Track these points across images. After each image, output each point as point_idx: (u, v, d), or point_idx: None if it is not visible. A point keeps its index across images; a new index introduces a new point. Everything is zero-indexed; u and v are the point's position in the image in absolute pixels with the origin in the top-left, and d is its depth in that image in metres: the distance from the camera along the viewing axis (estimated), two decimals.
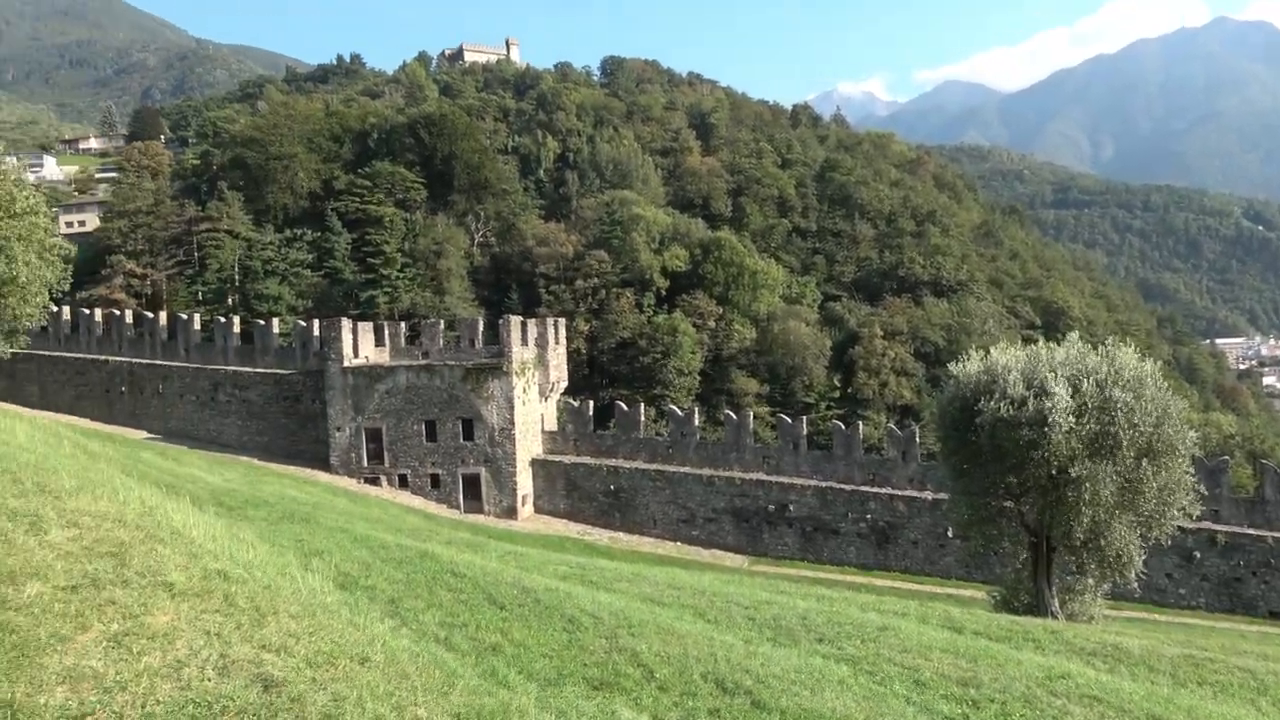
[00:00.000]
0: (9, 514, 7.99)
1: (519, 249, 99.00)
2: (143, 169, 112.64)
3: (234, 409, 48.04)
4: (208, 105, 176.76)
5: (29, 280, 40.84)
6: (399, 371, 43.91)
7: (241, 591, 7.37)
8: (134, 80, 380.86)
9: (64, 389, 52.22)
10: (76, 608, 6.27)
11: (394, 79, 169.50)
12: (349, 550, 16.57)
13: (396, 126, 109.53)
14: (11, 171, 47.39)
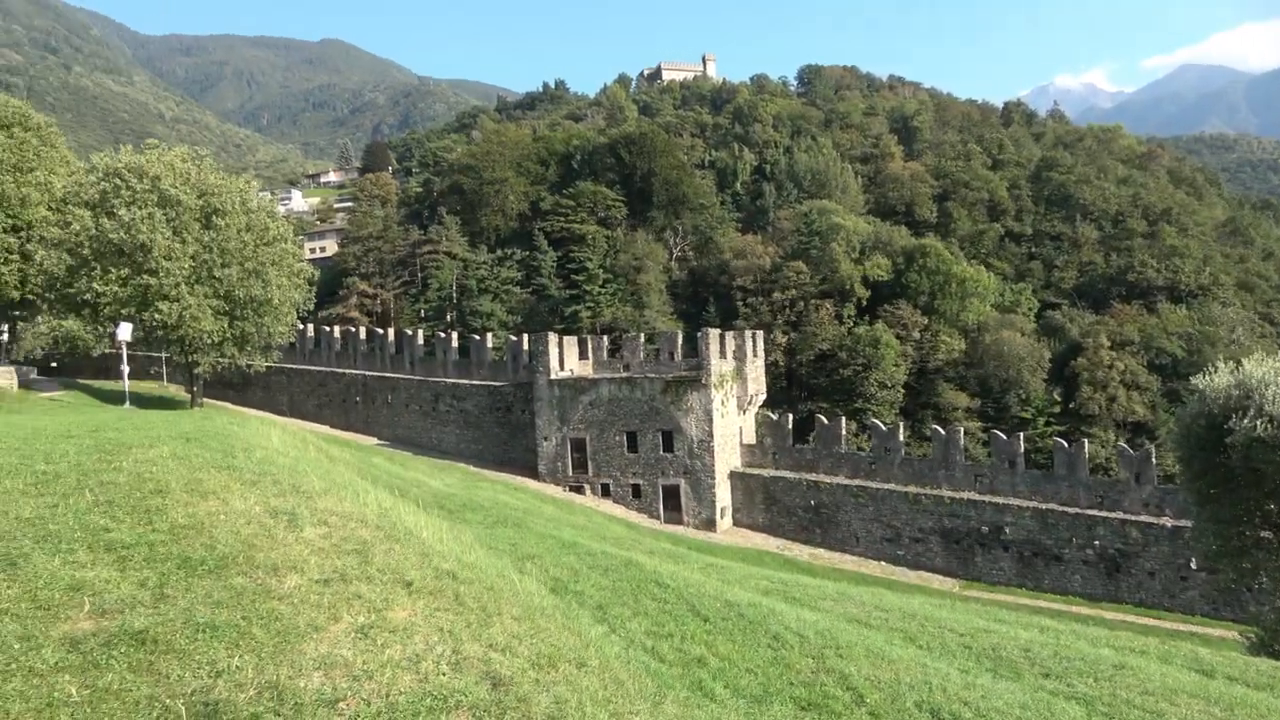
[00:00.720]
0: (271, 512, 8.90)
1: (716, 262, 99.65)
2: (373, 198, 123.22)
3: (452, 418, 51.34)
4: (429, 137, 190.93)
5: (281, 301, 45.76)
6: (602, 384, 45.28)
7: (469, 592, 7.81)
8: (366, 118, 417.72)
9: (308, 398, 57.87)
10: (329, 600, 6.88)
11: (595, 102, 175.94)
12: (558, 556, 17.14)
13: (598, 147, 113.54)
14: (266, 205, 53.34)
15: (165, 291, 41.28)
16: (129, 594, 6.66)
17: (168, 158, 45.63)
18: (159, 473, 10.04)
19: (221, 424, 17.14)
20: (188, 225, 42.84)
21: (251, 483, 9.97)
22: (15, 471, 10.16)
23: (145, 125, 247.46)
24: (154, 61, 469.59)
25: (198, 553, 7.49)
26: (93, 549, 7.47)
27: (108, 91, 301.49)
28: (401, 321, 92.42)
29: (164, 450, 11.69)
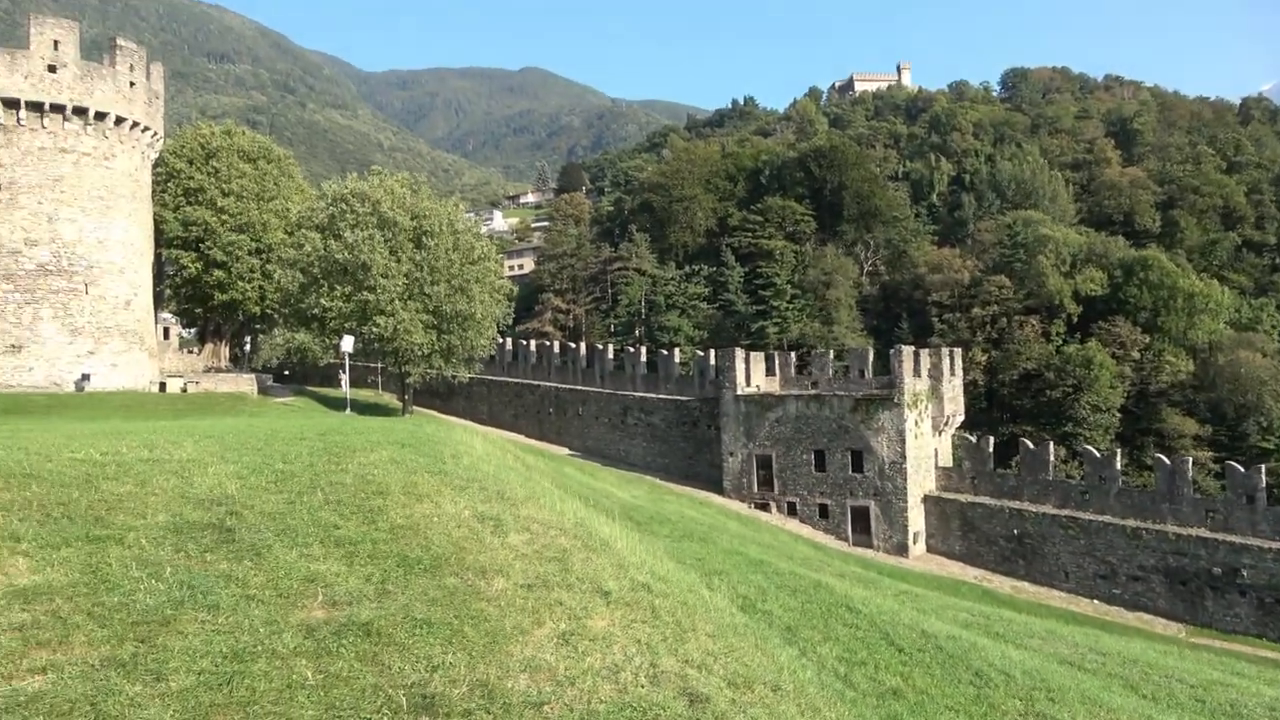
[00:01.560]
0: (479, 517, 9.39)
1: (910, 276, 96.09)
2: (568, 217, 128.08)
3: (640, 431, 52.30)
4: (620, 157, 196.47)
5: (483, 316, 48.38)
6: (789, 401, 44.67)
7: (664, 605, 7.89)
8: (562, 141, 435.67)
9: (506, 408, 60.78)
10: (532, 605, 7.16)
11: (785, 116, 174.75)
12: (745, 573, 16.99)
13: (787, 162, 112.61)
14: (472, 226, 56.74)
15: (382, 306, 44.64)
16: (356, 588, 7.21)
17: (388, 184, 49.45)
18: (380, 475, 10.84)
19: (431, 431, 18.26)
20: (402, 245, 46.20)
21: (461, 488, 10.56)
22: (259, 470, 11.28)
23: (367, 154, 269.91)
24: (375, 95, 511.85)
25: (415, 552, 8.01)
26: (324, 544, 8.16)
27: (336, 125, 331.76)
28: (592, 336, 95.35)
29: (383, 455, 12.60)
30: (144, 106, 47.88)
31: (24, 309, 43.73)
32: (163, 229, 55.21)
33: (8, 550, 7.54)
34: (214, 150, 60.08)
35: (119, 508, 9.00)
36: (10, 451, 11.33)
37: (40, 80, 43.66)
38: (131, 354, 47.12)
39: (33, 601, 6.65)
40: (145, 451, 12.19)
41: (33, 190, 44.01)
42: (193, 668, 5.76)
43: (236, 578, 7.20)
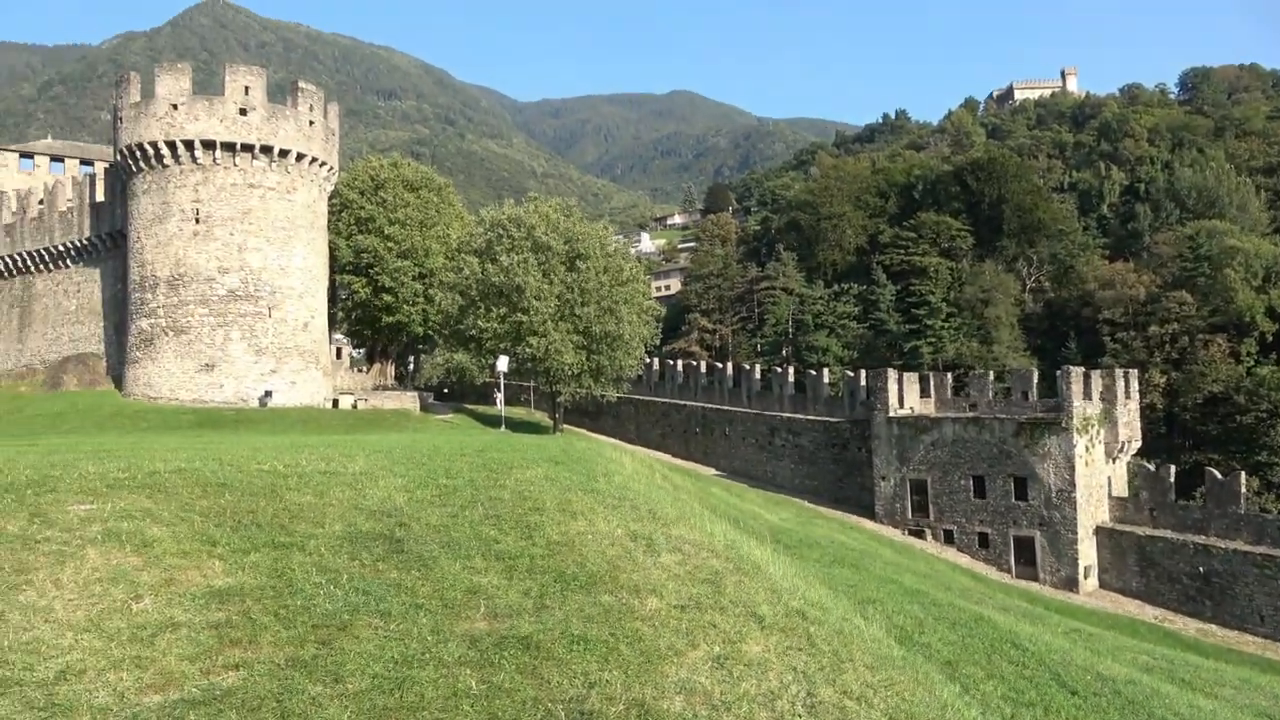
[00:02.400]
0: (632, 535, 9.49)
1: (1077, 293, 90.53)
2: (714, 238, 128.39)
3: (787, 453, 51.54)
4: (767, 176, 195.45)
5: (631, 336, 49.10)
6: (945, 423, 42.92)
7: (819, 633, 7.71)
8: (709, 162, 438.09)
9: (653, 428, 61.32)
10: (686, 626, 7.15)
11: (939, 129, 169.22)
12: (900, 603, 16.39)
13: (942, 176, 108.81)
14: (621, 248, 57.83)
15: (534, 328, 46.08)
16: (515, 601, 7.42)
17: (541, 209, 51.15)
18: (536, 492, 11.14)
19: (582, 448, 18.61)
20: (555, 268, 47.59)
21: (613, 506, 10.71)
22: (424, 484, 11.82)
23: (520, 181, 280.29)
24: (528, 125, 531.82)
25: (570, 569, 8.17)
26: (485, 557, 8.45)
27: (492, 154, 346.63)
28: (739, 356, 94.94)
29: (538, 472, 12.95)
30: (321, 143, 51.58)
31: (216, 331, 47.83)
32: (336, 256, 59.12)
33: (205, 553, 8.22)
34: (382, 181, 63.97)
35: (300, 517, 9.65)
36: (206, 463, 12.36)
37: (233, 122, 47.88)
38: (308, 372, 50.57)
39: (226, 602, 7.21)
40: (322, 464, 13.02)
41: (225, 223, 48.19)
42: (367, 671, 6.09)
43: (406, 587, 7.56)
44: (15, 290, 59.66)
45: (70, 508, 9.25)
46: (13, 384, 56.09)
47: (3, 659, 6.12)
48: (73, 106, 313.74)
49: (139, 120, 47.90)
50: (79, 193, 56.46)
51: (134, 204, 49.61)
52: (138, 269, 49.22)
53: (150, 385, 47.96)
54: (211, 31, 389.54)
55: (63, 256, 56.95)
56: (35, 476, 10.98)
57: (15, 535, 8.36)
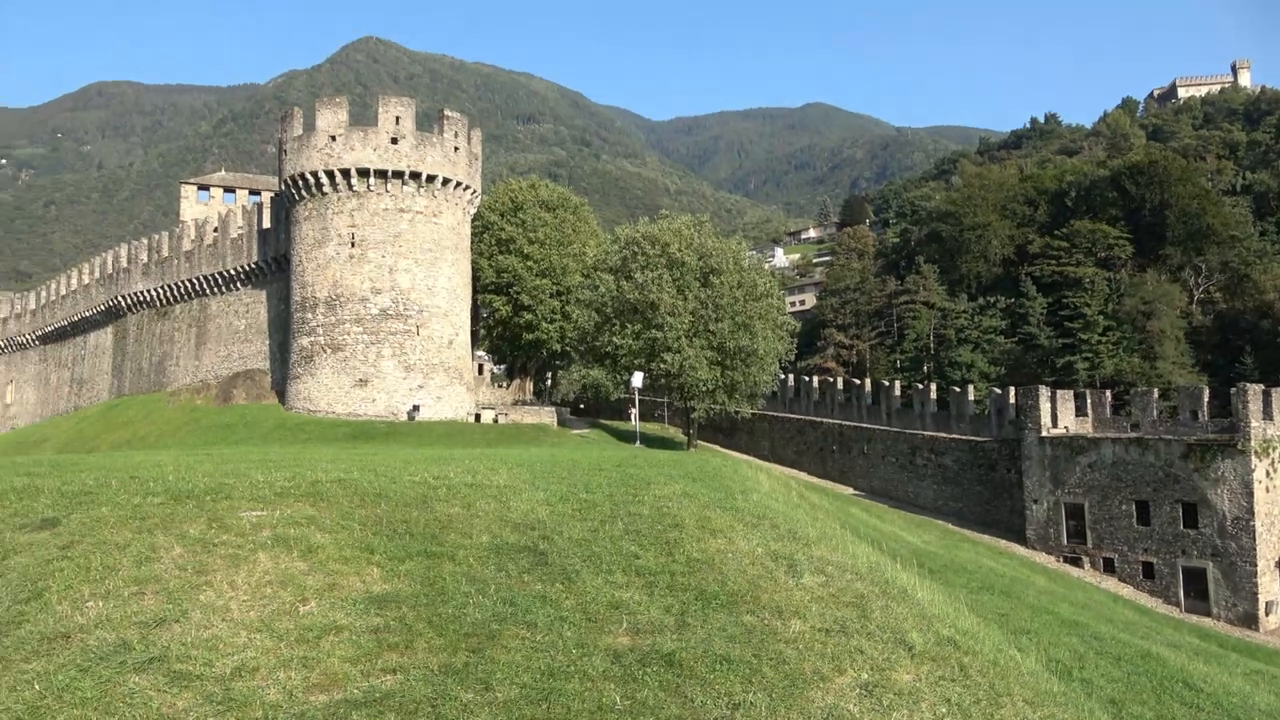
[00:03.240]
0: (772, 555, 9.34)
1: (1254, 304, 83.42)
2: (850, 251, 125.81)
3: (929, 473, 49.67)
4: (905, 187, 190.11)
5: (766, 352, 48.61)
6: (1104, 444, 40.32)
7: (973, 664, 7.34)
8: (844, 174, 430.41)
9: (787, 445, 60.42)
10: (831, 650, 6.96)
11: (1093, 132, 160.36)
12: (1057, 634, 15.49)
13: (1096, 181, 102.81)
14: (756, 263, 57.50)
15: (669, 344, 46.32)
16: (657, 618, 7.42)
17: (675, 225, 51.49)
18: (674, 508, 11.15)
19: (718, 465, 18.51)
20: (689, 284, 47.75)
21: (752, 524, 10.59)
22: (566, 498, 12.05)
23: (654, 199, 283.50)
24: (662, 143, 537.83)
25: (711, 587, 8.12)
26: (626, 572, 8.51)
27: (625, 173, 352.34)
28: (877, 372, 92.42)
29: (676, 488, 12.96)
30: (465, 168, 53.77)
31: (370, 348, 50.45)
32: (479, 276, 61.35)
33: (364, 560, 8.64)
34: (521, 203, 66.01)
35: (449, 527, 10.01)
36: (363, 474, 13.02)
37: (385, 151, 50.58)
38: (453, 388, 52.60)
39: (384, 607, 7.55)
40: (469, 477, 13.48)
41: (377, 246, 50.87)
42: (515, 680, 6.22)
43: (550, 599, 7.70)
44: (193, 311, 64.87)
45: (243, 514, 9.93)
46: (190, 397, 60.89)
47: (185, 654, 6.60)
48: (243, 141, 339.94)
49: (301, 152, 51.30)
50: (248, 220, 60.93)
51: (296, 230, 53.10)
52: (299, 290, 52.58)
53: (310, 399, 51.04)
54: (366, 66, 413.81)
55: (234, 280, 61.53)
56: (212, 485, 11.85)
57: (196, 539, 9.04)
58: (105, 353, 73.32)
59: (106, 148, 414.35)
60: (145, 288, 67.97)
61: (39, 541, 9.46)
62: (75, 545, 9.17)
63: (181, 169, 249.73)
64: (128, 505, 10.67)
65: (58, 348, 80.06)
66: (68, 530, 9.77)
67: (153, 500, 10.82)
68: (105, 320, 73.39)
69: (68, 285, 78.94)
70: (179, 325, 65.93)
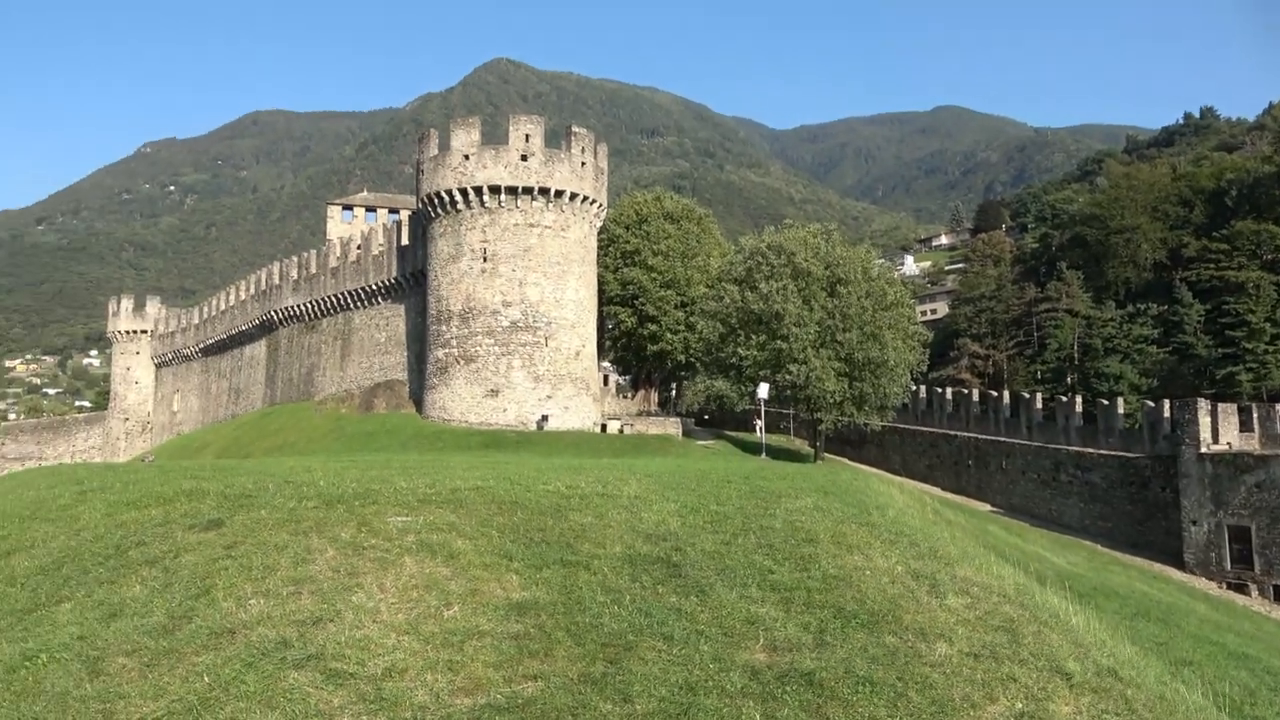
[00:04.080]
0: (913, 574, 9.01)
1: None
2: (985, 258, 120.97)
3: (1074, 490, 47.01)
4: (1045, 189, 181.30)
5: (896, 363, 47.25)
6: (1273, 462, 37.16)
7: (1137, 697, 6.85)
8: (978, 178, 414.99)
9: (919, 459, 58.47)
10: (981, 676, 6.64)
11: (1257, 125, 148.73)
12: (1223, 667, 14.37)
13: (1261, 178, 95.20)
14: (885, 272, 56.00)
15: (795, 354, 45.67)
16: (794, 635, 7.27)
17: (801, 234, 50.82)
18: (807, 522, 10.93)
19: (847, 479, 18.09)
20: (815, 294, 46.99)
21: (890, 541, 10.26)
22: (696, 510, 12.01)
23: (778, 208, 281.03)
24: (786, 152, 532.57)
25: (849, 605, 7.90)
26: (761, 587, 8.39)
27: (749, 183, 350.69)
28: (1016, 384, 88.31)
29: (808, 502, 12.71)
30: (592, 182, 54.75)
31: (501, 359, 51.95)
32: (604, 288, 62.27)
33: (504, 567, 8.86)
34: (645, 216, 66.69)
35: (584, 537, 10.14)
36: (499, 482, 13.37)
37: (515, 168, 52.09)
38: (580, 398, 53.50)
39: (524, 614, 7.70)
40: (599, 487, 13.63)
41: (508, 260, 52.38)
42: (653, 693, 6.22)
43: (685, 612, 7.67)
44: (339, 325, 68.48)
45: (389, 519, 10.36)
46: (335, 406, 64.24)
47: (339, 653, 6.92)
48: (383, 162, 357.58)
49: (437, 171, 53.45)
50: (388, 238, 63.89)
51: (432, 246, 55.31)
52: (435, 304, 54.70)
53: (445, 409, 52.94)
54: (496, 87, 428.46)
55: (375, 294, 64.62)
56: (360, 490, 12.43)
57: (347, 542, 9.48)
58: (259, 364, 78.29)
59: (261, 173, 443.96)
60: (295, 303, 72.26)
61: (206, 541, 10.14)
62: (238, 545, 9.78)
63: (327, 190, 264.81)
64: (284, 508, 11.31)
65: (218, 359, 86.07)
66: (231, 531, 10.44)
67: (307, 504, 11.44)
68: (259, 334, 78.41)
69: (226, 301, 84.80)
70: (325, 338, 69.72)
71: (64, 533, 11.87)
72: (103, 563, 10.01)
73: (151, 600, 8.49)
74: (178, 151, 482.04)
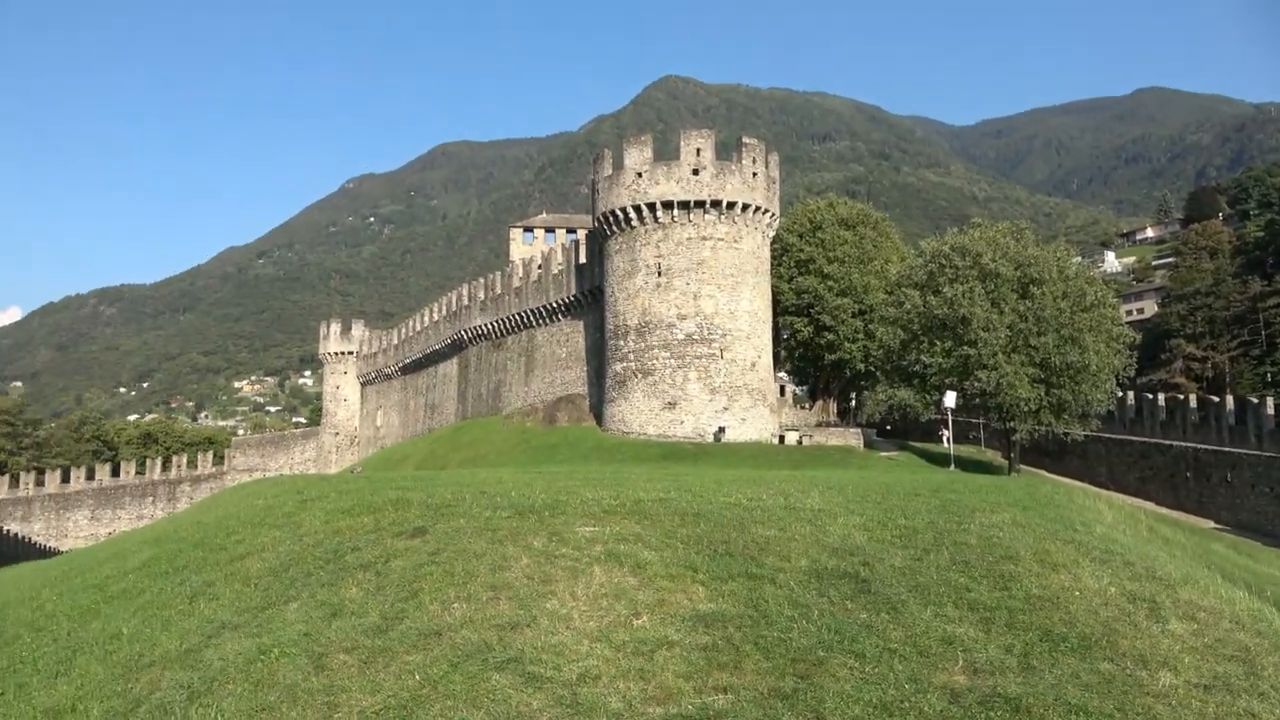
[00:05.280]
0: (1129, 596, 8.33)
1: None
2: (1200, 250, 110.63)
3: None
4: (1270, 171, 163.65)
5: (1098, 368, 43.94)
6: None
7: None
8: (1188, 164, 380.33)
9: (1129, 471, 53.94)
10: (1214, 711, 6.05)
11: None
12: None
13: None
14: (1084, 270, 52.24)
15: (984, 360, 43.41)
16: (996, 657, 6.90)
17: (989, 235, 48.35)
18: (1005, 538, 10.35)
19: (1047, 493, 17.00)
20: (1005, 296, 44.52)
21: (1100, 560, 9.54)
22: (883, 524, 11.65)
23: (960, 208, 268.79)
24: (967, 149, 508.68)
25: (1057, 628, 7.40)
26: (957, 606, 8.01)
27: (928, 184, 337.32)
28: (1240, 388, 79.97)
29: (1005, 517, 12.04)
30: (764, 192, 54.46)
31: (677, 372, 52.49)
32: (778, 298, 61.64)
33: (689, 578, 8.94)
34: (819, 223, 65.53)
35: (767, 550, 10.07)
36: (681, 494, 13.52)
37: (687, 182, 52.63)
38: (756, 410, 53.18)
39: (711, 626, 7.74)
40: (781, 499, 13.50)
41: (681, 274, 52.92)
42: (846, 711, 6.08)
43: (876, 629, 7.45)
44: (522, 342, 71.54)
45: (578, 529, 10.71)
46: (520, 419, 67.07)
47: (537, 658, 7.22)
48: (560, 184, 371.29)
49: (611, 190, 54.84)
50: (566, 257, 66.14)
51: (609, 263, 56.75)
52: (612, 319, 56.04)
53: (623, 421, 54.06)
54: (665, 104, 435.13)
55: (555, 312, 67.02)
56: (549, 500, 12.92)
57: (540, 551, 9.88)
58: (451, 381, 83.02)
59: (449, 200, 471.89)
60: (482, 322, 76.17)
61: (413, 548, 10.85)
62: (441, 552, 10.40)
63: (509, 214, 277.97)
64: (480, 518, 11.93)
65: (415, 377, 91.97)
66: (434, 538, 11.12)
67: (501, 514, 12.02)
68: (451, 352, 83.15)
69: (421, 323, 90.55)
70: (510, 355, 73.02)
71: (289, 538, 13.03)
72: (323, 566, 10.91)
73: (367, 602, 9.18)
74: (376, 185, 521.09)
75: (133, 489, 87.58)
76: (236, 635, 9.15)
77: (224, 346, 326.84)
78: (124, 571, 14.32)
